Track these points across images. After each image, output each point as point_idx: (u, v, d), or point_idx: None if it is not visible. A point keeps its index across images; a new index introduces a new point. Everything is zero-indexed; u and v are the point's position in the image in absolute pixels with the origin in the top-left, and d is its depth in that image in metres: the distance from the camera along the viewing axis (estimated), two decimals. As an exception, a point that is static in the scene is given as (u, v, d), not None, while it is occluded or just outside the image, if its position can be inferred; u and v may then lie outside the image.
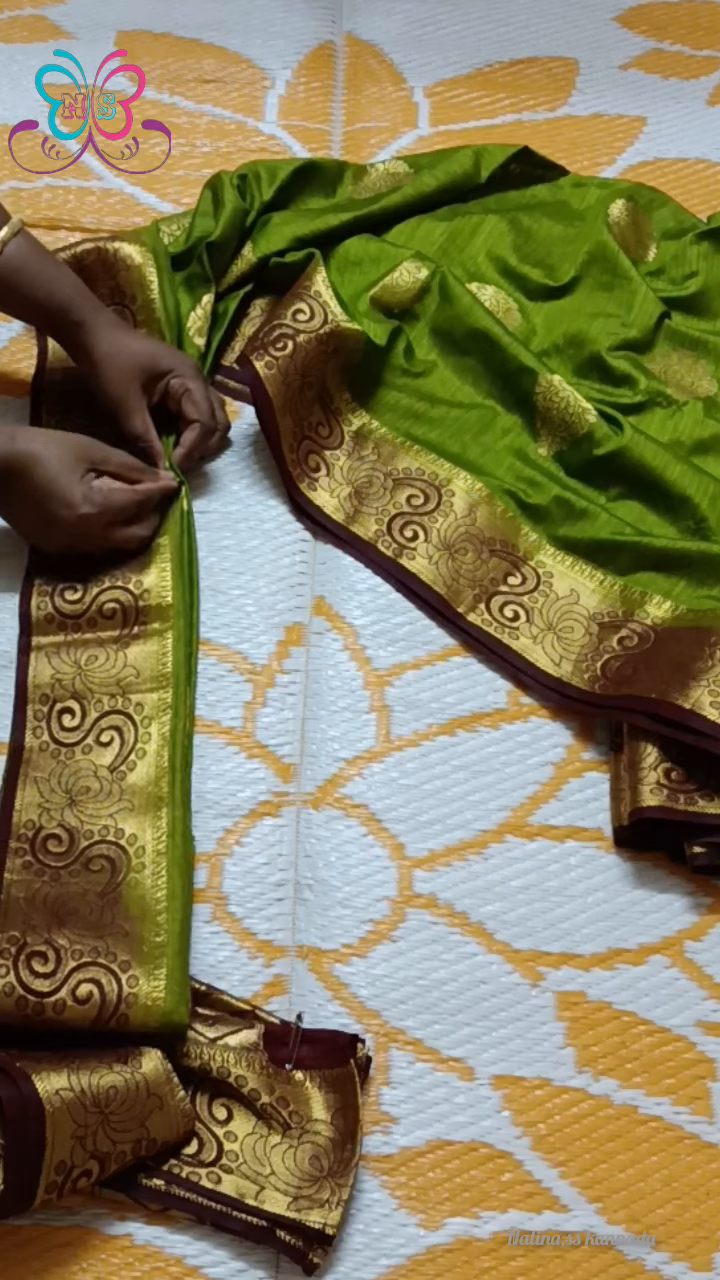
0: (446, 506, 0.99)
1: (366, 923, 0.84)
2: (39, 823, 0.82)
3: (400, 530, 0.98)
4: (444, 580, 0.96)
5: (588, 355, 1.06)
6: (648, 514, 0.99)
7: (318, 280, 1.01)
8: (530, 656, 0.92)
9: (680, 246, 1.15)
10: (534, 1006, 0.81)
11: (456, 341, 1.06)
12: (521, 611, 0.95)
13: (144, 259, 1.04)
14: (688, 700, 0.83)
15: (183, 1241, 0.74)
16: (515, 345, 1.03)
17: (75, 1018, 0.74)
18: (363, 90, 1.28)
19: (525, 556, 0.97)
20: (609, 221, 1.12)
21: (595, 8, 1.36)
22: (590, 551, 0.96)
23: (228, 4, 1.33)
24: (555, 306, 1.11)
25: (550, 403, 1.01)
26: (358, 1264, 0.74)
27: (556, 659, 0.92)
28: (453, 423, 1.04)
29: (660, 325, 1.09)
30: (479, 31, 1.34)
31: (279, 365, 0.96)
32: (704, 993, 0.82)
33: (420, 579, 0.96)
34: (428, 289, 1.08)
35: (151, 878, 0.81)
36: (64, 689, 0.88)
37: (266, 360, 0.96)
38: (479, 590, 0.95)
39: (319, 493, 1.00)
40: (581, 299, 1.11)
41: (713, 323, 1.11)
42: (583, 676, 0.91)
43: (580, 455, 1.01)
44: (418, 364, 1.06)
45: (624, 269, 1.10)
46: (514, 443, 1.03)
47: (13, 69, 1.25)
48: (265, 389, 0.96)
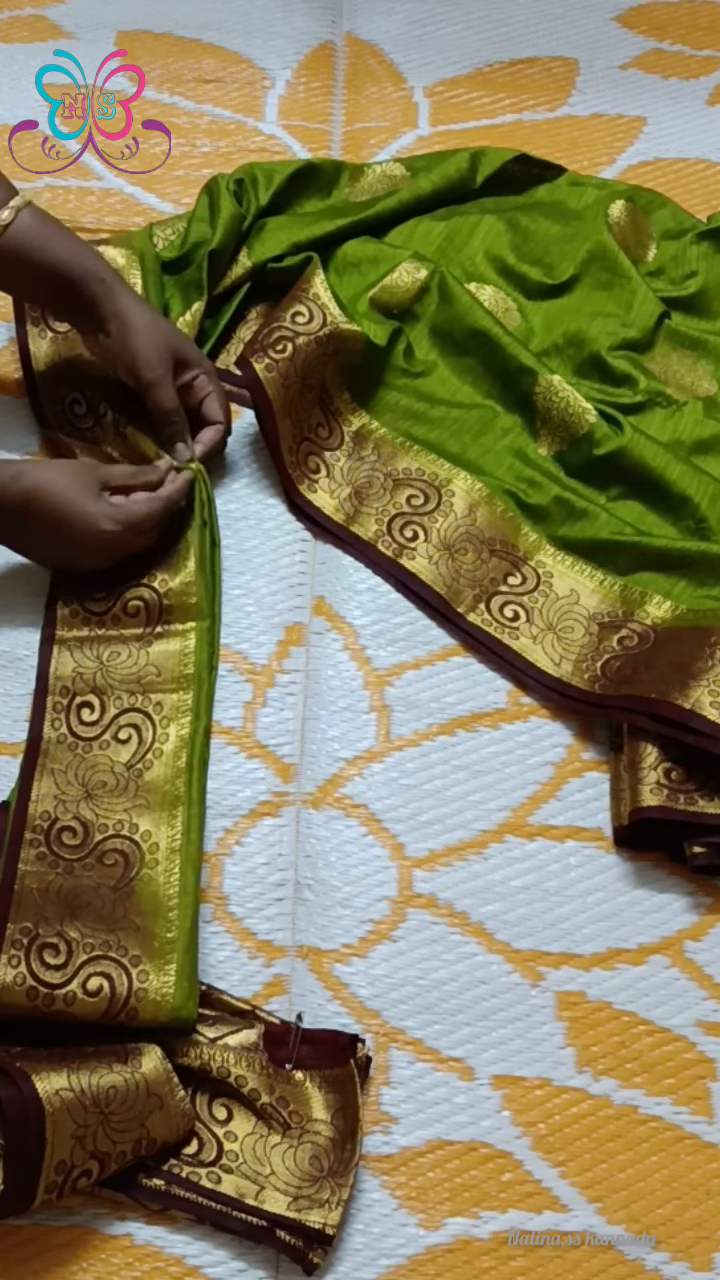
0: (446, 506, 0.99)
1: (366, 923, 0.84)
2: (54, 814, 0.83)
3: (400, 530, 0.98)
4: (444, 580, 0.96)
5: (588, 355, 1.06)
6: (648, 514, 0.99)
7: (316, 283, 1.01)
8: (530, 656, 0.92)
9: (680, 247, 1.15)
10: (534, 1006, 0.81)
11: (456, 341, 1.06)
12: (521, 611, 0.95)
13: (128, 261, 1.04)
14: (688, 700, 0.84)
15: (183, 1241, 0.74)
16: (515, 345, 1.03)
17: (85, 1011, 0.75)
18: (363, 90, 1.28)
19: (525, 556, 0.97)
20: (609, 221, 1.12)
21: (595, 8, 1.36)
22: (590, 551, 0.96)
23: (228, 4, 1.33)
24: (554, 305, 1.10)
25: (550, 402, 1.01)
26: (358, 1264, 0.74)
27: (556, 659, 0.92)
28: (453, 423, 1.04)
29: (660, 325, 1.09)
30: (479, 31, 1.33)
31: (279, 368, 0.96)
32: (704, 993, 0.82)
33: (420, 579, 0.96)
34: (427, 289, 1.08)
35: (164, 874, 0.81)
36: (84, 683, 0.89)
37: (266, 363, 0.96)
38: (479, 590, 0.95)
39: (318, 494, 1.00)
40: (581, 298, 1.10)
41: (713, 322, 1.11)
42: (583, 676, 0.91)
43: (580, 455, 1.01)
44: (417, 364, 1.06)
45: (624, 268, 1.10)
46: (514, 443, 1.03)
47: (13, 69, 1.25)
48: (265, 391, 0.96)
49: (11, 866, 0.80)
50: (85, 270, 0.91)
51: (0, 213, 0.89)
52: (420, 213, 1.14)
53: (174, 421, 0.95)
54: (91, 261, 0.92)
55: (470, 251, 1.12)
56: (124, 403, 0.99)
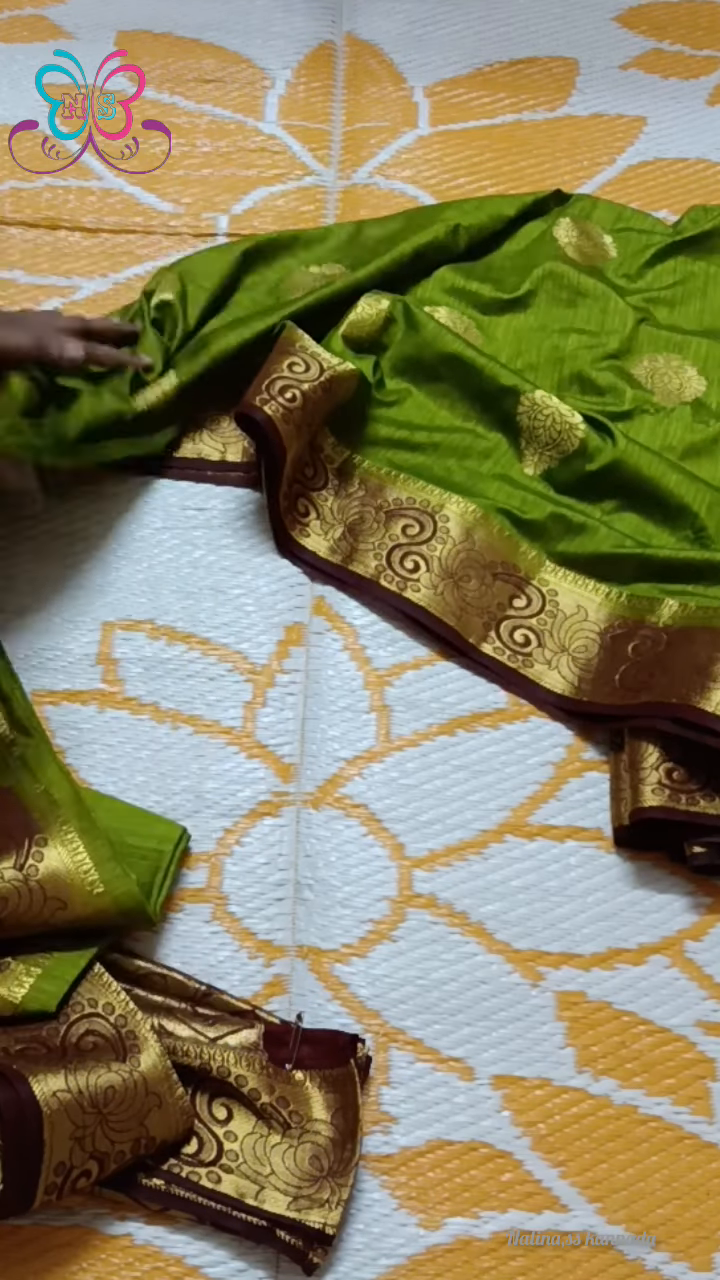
0: (443, 533, 0.96)
1: (366, 922, 0.84)
2: None
3: (400, 562, 0.96)
4: (452, 611, 0.94)
5: (570, 373, 1.05)
6: (646, 524, 0.98)
7: (299, 337, 0.98)
8: (546, 683, 0.92)
9: (640, 245, 1.15)
10: (534, 1006, 0.81)
11: (426, 368, 1.03)
12: (532, 636, 0.94)
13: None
14: (709, 703, 0.83)
15: (183, 1241, 0.74)
16: (492, 366, 1.01)
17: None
18: (363, 90, 1.28)
19: (527, 576, 0.96)
20: (559, 245, 1.12)
21: (595, 8, 1.36)
22: (591, 565, 0.96)
23: (228, 4, 1.33)
24: (516, 321, 1.09)
25: (536, 420, 1.00)
26: (358, 1264, 0.74)
27: (575, 681, 0.92)
28: (434, 447, 1.02)
29: (638, 330, 1.08)
30: (479, 31, 1.34)
31: (292, 417, 0.93)
32: (704, 993, 0.82)
33: (429, 612, 0.94)
34: (392, 319, 1.04)
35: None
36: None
37: (277, 408, 0.92)
38: (487, 617, 0.95)
39: (310, 537, 0.98)
40: (543, 314, 1.09)
41: (694, 322, 1.11)
42: (602, 691, 0.90)
43: (571, 471, 0.99)
44: (389, 394, 1.03)
45: (586, 287, 1.09)
46: (497, 467, 1.01)
47: (13, 69, 1.25)
48: (280, 435, 0.92)
49: None
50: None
51: None
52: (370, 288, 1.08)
53: (92, 358, 0.89)
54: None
55: (415, 285, 1.09)
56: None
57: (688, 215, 1.18)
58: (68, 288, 1.12)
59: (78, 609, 0.95)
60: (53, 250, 1.14)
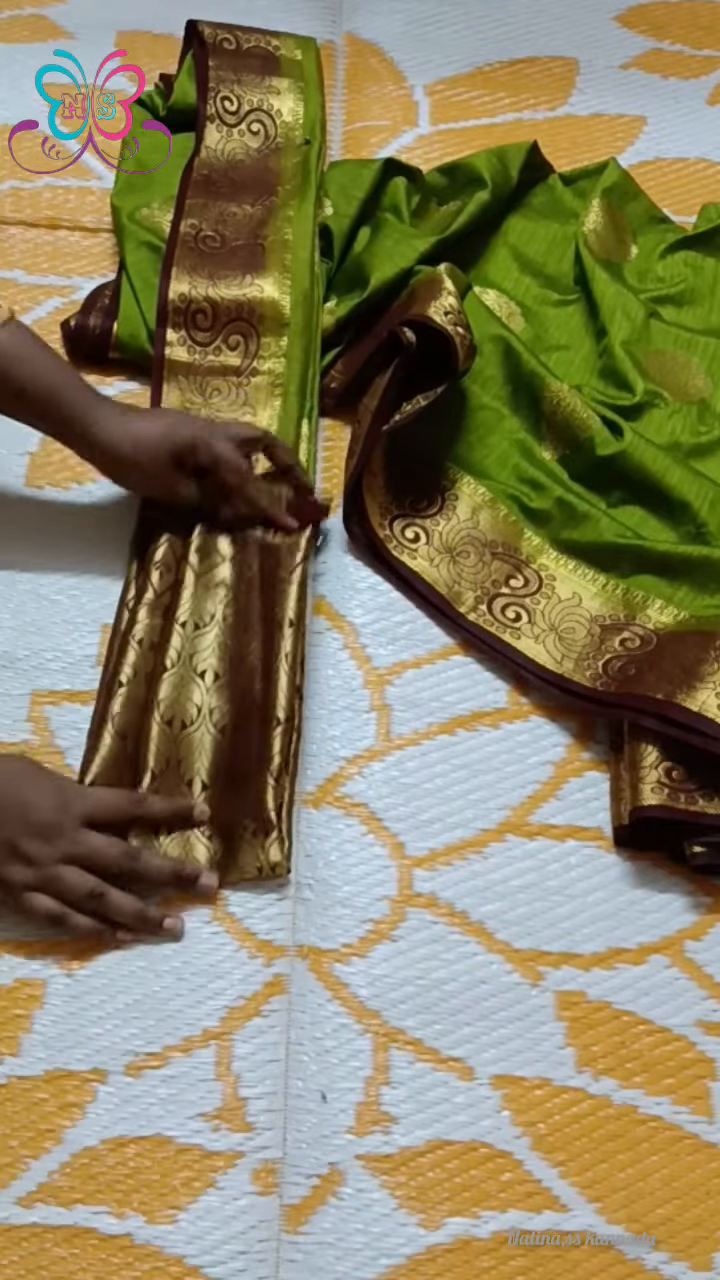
0: (450, 510, 0.99)
1: (366, 922, 0.83)
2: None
3: (402, 531, 0.98)
4: (445, 582, 0.96)
5: (585, 357, 1.06)
6: (649, 519, 0.99)
7: (459, 279, 0.99)
8: (530, 654, 0.92)
9: (656, 241, 1.17)
10: (534, 1006, 0.81)
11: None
12: (523, 612, 0.95)
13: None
14: (694, 703, 0.83)
15: (183, 1241, 0.74)
16: (525, 352, 1.04)
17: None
18: (363, 89, 1.28)
19: (527, 560, 0.97)
20: (584, 231, 1.14)
21: (595, 8, 1.37)
22: (592, 555, 0.96)
23: (228, 4, 1.33)
24: (558, 312, 1.12)
25: (556, 409, 1.02)
26: (358, 1264, 0.74)
27: (558, 657, 0.92)
28: (457, 421, 1.04)
29: (649, 322, 1.09)
30: (479, 31, 1.34)
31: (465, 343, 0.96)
32: (704, 992, 0.82)
33: (422, 578, 0.96)
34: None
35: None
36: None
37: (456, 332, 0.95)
38: (480, 592, 0.95)
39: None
40: (576, 309, 1.12)
41: (702, 321, 1.12)
42: (584, 674, 0.91)
43: (582, 459, 1.01)
44: None
45: (599, 288, 1.11)
46: (521, 444, 1.03)
47: (13, 69, 1.25)
48: (457, 349, 0.94)
49: None
50: (48, 396, 0.88)
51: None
52: (487, 224, 1.15)
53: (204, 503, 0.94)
54: (58, 382, 0.88)
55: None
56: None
57: (702, 213, 1.19)
58: (68, 288, 1.12)
59: (78, 609, 0.95)
60: (53, 250, 1.14)
